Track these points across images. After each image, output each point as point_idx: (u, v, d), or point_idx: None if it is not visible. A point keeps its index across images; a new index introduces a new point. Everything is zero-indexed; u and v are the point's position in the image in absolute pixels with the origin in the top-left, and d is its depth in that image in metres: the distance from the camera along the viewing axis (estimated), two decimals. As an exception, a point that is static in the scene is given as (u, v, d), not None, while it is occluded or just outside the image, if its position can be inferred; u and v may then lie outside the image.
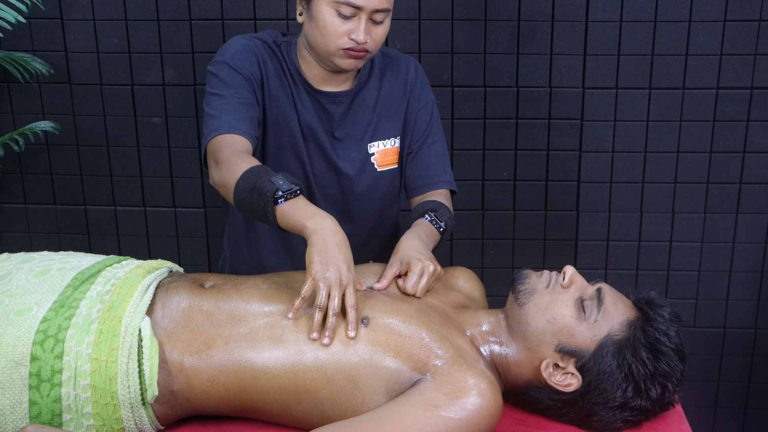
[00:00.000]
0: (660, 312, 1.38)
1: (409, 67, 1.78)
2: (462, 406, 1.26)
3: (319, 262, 1.33)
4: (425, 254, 1.52)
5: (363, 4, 1.52)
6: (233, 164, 1.47)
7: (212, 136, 1.55)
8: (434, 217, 1.66)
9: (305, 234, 1.36)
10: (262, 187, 1.39)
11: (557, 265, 1.52)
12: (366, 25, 1.54)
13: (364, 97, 1.72)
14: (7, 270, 1.45)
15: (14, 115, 2.49)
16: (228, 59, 1.62)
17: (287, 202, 1.39)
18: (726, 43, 2.30)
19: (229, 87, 1.59)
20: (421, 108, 1.77)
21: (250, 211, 1.43)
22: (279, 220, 1.39)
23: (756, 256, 2.48)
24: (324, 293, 1.32)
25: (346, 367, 1.31)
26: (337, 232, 1.36)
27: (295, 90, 1.67)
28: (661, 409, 1.39)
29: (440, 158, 1.79)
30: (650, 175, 2.42)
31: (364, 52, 1.57)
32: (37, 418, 1.29)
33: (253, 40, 1.66)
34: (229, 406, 1.37)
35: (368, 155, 1.75)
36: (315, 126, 1.69)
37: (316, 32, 1.58)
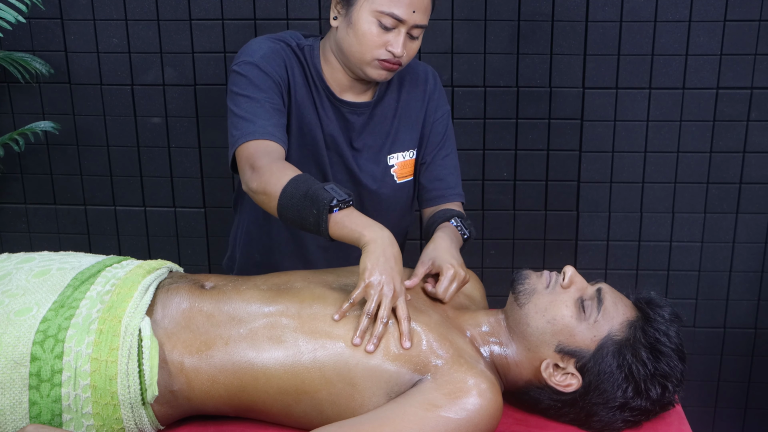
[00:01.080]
0: (660, 312, 1.38)
1: (428, 76, 1.77)
2: (462, 406, 1.26)
3: (375, 271, 1.33)
4: (458, 258, 1.52)
5: (407, 18, 1.51)
6: (275, 171, 1.45)
7: (246, 140, 1.52)
8: (460, 223, 1.66)
9: (361, 242, 1.37)
10: (317, 195, 1.38)
11: (557, 265, 1.52)
12: (404, 39, 1.54)
13: (383, 107, 1.71)
14: (7, 270, 1.45)
15: (14, 115, 2.49)
16: (257, 61, 1.59)
17: (342, 211, 1.39)
18: (726, 43, 2.30)
19: (260, 90, 1.57)
20: (437, 119, 1.77)
21: (298, 218, 1.41)
22: (332, 228, 1.39)
23: (756, 256, 2.48)
24: (375, 301, 1.33)
25: (344, 368, 1.31)
26: (394, 243, 1.38)
27: (318, 98, 1.66)
28: (661, 409, 1.39)
29: (453, 170, 1.79)
30: (650, 175, 2.42)
31: (397, 65, 1.57)
32: (37, 418, 1.29)
33: (279, 43, 1.64)
34: (229, 406, 1.37)
35: (388, 167, 1.74)
36: (337, 136, 1.68)
37: (353, 39, 1.56)
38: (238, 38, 2.35)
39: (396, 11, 1.51)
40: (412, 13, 1.52)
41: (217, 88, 2.41)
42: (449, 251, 1.53)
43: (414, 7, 1.52)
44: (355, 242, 1.38)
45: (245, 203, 1.78)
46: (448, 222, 1.66)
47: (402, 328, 1.33)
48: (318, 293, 1.41)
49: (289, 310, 1.37)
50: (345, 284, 1.46)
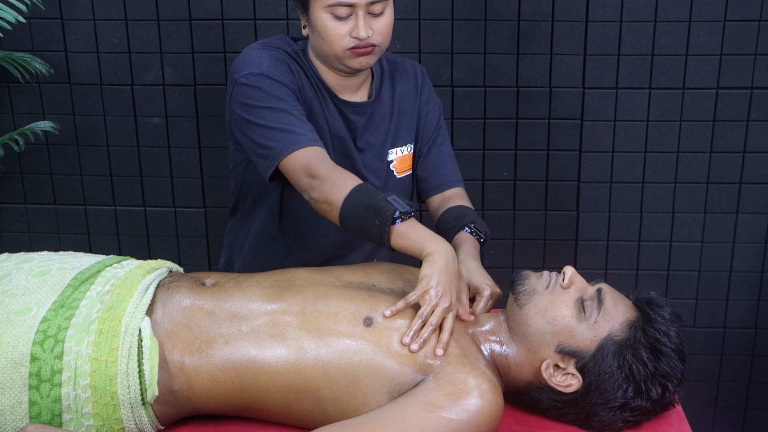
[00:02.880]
0: (660, 312, 1.38)
1: (416, 71, 1.78)
2: (463, 407, 1.26)
3: (439, 279, 1.36)
4: (489, 278, 1.54)
5: (355, 1, 1.52)
6: (336, 180, 1.47)
7: (294, 149, 1.51)
8: (474, 228, 1.67)
9: (424, 253, 1.39)
10: (380, 207, 1.40)
11: (557, 265, 1.52)
12: (365, 20, 1.54)
13: (381, 105, 1.72)
14: (7, 270, 1.45)
15: (14, 115, 2.49)
16: (266, 71, 1.57)
17: (404, 223, 1.41)
18: (726, 43, 2.30)
19: (281, 100, 1.56)
20: (429, 111, 1.78)
21: (360, 228, 1.43)
22: (394, 240, 1.41)
23: (756, 256, 2.48)
24: (430, 308, 1.34)
25: (348, 366, 1.31)
26: (455, 259, 1.41)
27: (323, 100, 1.66)
28: (661, 409, 1.39)
29: (450, 158, 1.81)
30: (650, 175, 2.42)
31: (371, 47, 1.56)
32: (37, 418, 1.29)
33: (277, 51, 1.63)
34: (230, 406, 1.37)
35: (388, 163, 1.75)
36: (344, 136, 1.68)
37: (320, 40, 1.58)
38: (238, 38, 2.35)
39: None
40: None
41: (217, 88, 2.41)
42: (479, 272, 1.54)
43: None
44: (417, 253, 1.40)
45: (256, 209, 1.77)
46: (462, 231, 1.67)
47: (443, 337, 1.34)
48: (321, 291, 1.41)
49: (292, 307, 1.37)
50: (348, 282, 1.46)
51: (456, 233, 1.66)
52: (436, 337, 1.34)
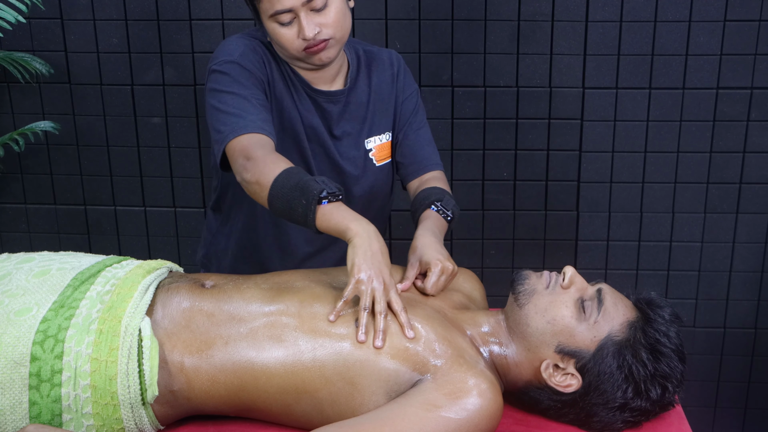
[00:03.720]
0: (660, 313, 1.38)
1: (393, 60, 1.80)
2: (462, 406, 1.26)
3: (364, 266, 1.34)
4: (443, 253, 1.53)
5: (291, 5, 1.53)
6: (270, 162, 1.47)
7: (239, 134, 1.53)
8: (441, 207, 1.67)
9: (347, 236, 1.38)
10: (308, 186, 1.40)
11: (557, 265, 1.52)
12: (309, 20, 1.54)
13: (357, 94, 1.73)
14: (7, 270, 1.45)
15: (14, 115, 2.49)
16: (237, 59, 1.61)
17: (331, 204, 1.40)
18: (726, 43, 2.30)
19: (245, 87, 1.59)
20: (406, 98, 1.79)
21: (287, 209, 1.43)
22: (319, 220, 1.40)
23: (756, 256, 2.48)
24: (369, 296, 1.33)
25: (343, 368, 1.31)
26: (380, 237, 1.39)
27: (295, 91, 1.68)
28: (661, 409, 1.39)
29: (428, 143, 1.81)
30: (650, 175, 2.42)
31: (323, 43, 1.58)
32: (37, 418, 1.29)
33: (254, 41, 1.66)
34: (230, 406, 1.37)
35: (366, 151, 1.76)
36: (317, 126, 1.70)
37: (277, 47, 1.62)
38: (238, 38, 2.35)
39: (278, 7, 1.53)
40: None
41: (217, 88, 2.41)
42: (433, 246, 1.54)
43: None
44: (341, 235, 1.39)
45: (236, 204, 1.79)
46: (429, 209, 1.67)
47: (401, 319, 1.34)
48: (318, 292, 1.41)
49: (290, 309, 1.38)
50: (346, 283, 1.46)
51: (423, 212, 1.67)
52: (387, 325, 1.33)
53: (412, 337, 1.32)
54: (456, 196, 2.44)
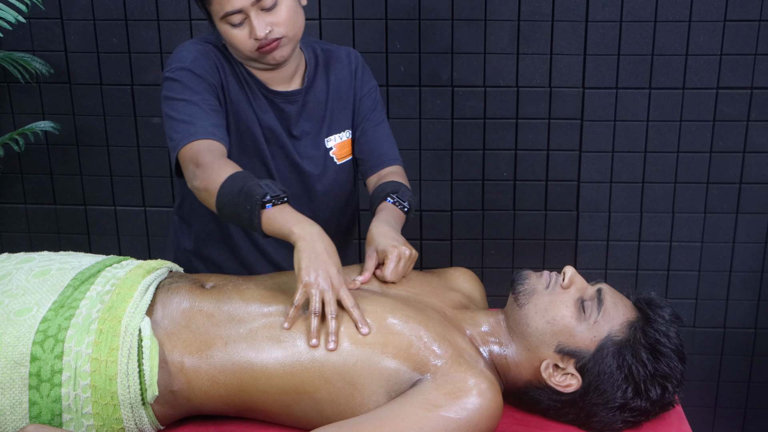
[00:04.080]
0: (660, 313, 1.38)
1: (351, 57, 1.80)
2: (462, 406, 1.26)
3: (309, 268, 1.34)
4: (398, 239, 1.53)
5: (240, 5, 1.53)
6: (217, 168, 1.48)
7: (189, 141, 1.54)
8: (397, 198, 1.67)
9: (291, 239, 1.38)
10: (251, 191, 1.41)
11: (557, 265, 1.52)
12: (259, 19, 1.54)
13: (315, 93, 1.74)
14: (7, 270, 1.46)
15: (14, 115, 2.49)
16: (189, 65, 1.61)
17: (275, 207, 1.41)
18: (726, 43, 2.30)
19: (195, 93, 1.59)
20: (364, 94, 1.79)
21: (234, 214, 1.44)
22: (264, 224, 1.41)
23: (756, 256, 2.48)
24: (318, 299, 1.33)
25: (343, 368, 1.31)
26: (324, 237, 1.39)
27: (252, 93, 1.68)
28: (661, 409, 1.40)
29: (386, 138, 1.81)
30: (650, 175, 2.42)
31: (276, 41, 1.58)
32: (37, 418, 1.30)
33: (207, 45, 1.66)
34: (229, 406, 1.37)
35: (327, 150, 1.77)
36: (275, 127, 1.70)
37: (231, 48, 1.62)
38: (238, 38, 2.35)
39: (228, 8, 1.53)
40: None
41: (217, 88, 2.41)
42: (387, 235, 1.54)
43: None
44: (286, 238, 1.40)
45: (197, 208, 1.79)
46: (384, 202, 1.67)
47: (354, 316, 1.34)
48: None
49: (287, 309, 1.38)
50: None
51: (378, 204, 1.67)
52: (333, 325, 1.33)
53: (366, 333, 1.32)
54: (456, 196, 2.45)
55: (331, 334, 1.32)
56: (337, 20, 2.32)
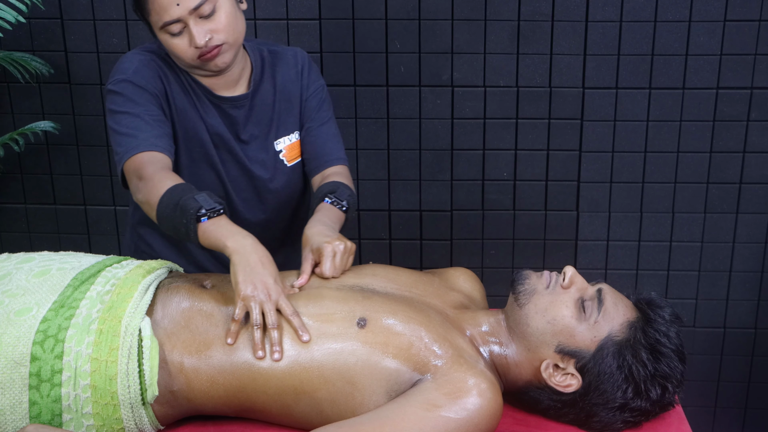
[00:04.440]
0: (660, 313, 1.38)
1: (297, 57, 1.79)
2: (462, 406, 1.26)
3: (245, 281, 1.35)
4: (332, 235, 1.53)
5: (179, 15, 1.53)
6: (157, 181, 1.48)
7: (132, 154, 1.55)
8: (334, 198, 1.67)
9: (226, 253, 1.39)
10: (186, 205, 1.41)
11: (557, 265, 1.52)
12: (198, 27, 1.54)
13: (262, 96, 1.74)
14: (7, 270, 1.46)
15: (14, 115, 2.49)
16: (130, 77, 1.61)
17: (210, 221, 1.41)
18: (726, 43, 2.30)
19: (137, 104, 1.59)
20: (311, 94, 1.79)
21: (172, 228, 1.45)
22: (200, 238, 1.41)
23: (756, 256, 2.48)
24: (257, 311, 1.33)
25: (343, 367, 1.31)
26: (258, 248, 1.39)
27: (198, 100, 1.68)
28: (661, 409, 1.40)
29: (333, 137, 1.81)
30: (650, 175, 2.42)
31: (217, 48, 1.58)
32: (37, 418, 1.30)
33: (149, 55, 1.66)
34: (229, 407, 1.37)
35: (276, 153, 1.77)
36: (223, 133, 1.70)
37: (173, 56, 1.62)
38: (238, 38, 2.35)
39: (166, 18, 1.53)
40: (177, 6, 1.52)
41: (217, 88, 2.40)
42: (321, 233, 1.54)
43: (175, 0, 1.52)
44: (221, 251, 1.41)
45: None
46: (322, 202, 1.67)
47: (294, 324, 1.34)
48: (315, 293, 1.42)
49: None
50: (342, 283, 1.46)
51: (316, 206, 1.67)
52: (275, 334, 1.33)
53: (307, 340, 1.33)
54: (456, 196, 2.45)
55: (274, 344, 1.32)
56: (336, 20, 2.32)
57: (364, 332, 1.33)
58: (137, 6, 1.59)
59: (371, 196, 2.45)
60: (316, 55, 2.33)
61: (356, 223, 2.46)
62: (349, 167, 1.83)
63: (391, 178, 2.44)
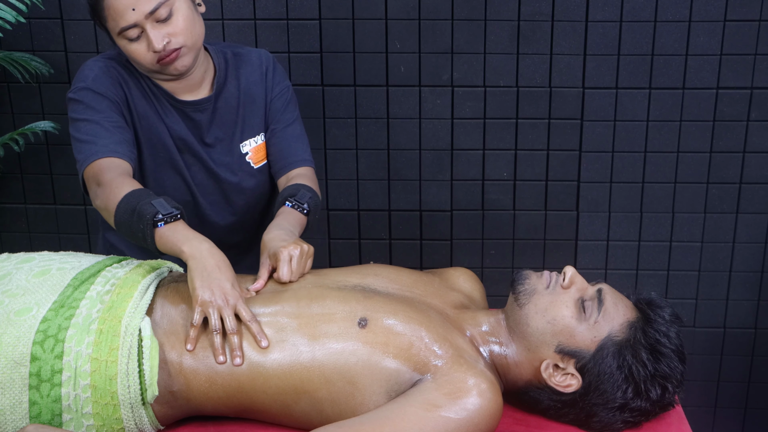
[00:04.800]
0: (660, 313, 1.38)
1: (261, 59, 1.79)
2: (462, 406, 1.26)
3: (202, 287, 1.35)
4: (288, 239, 1.53)
5: (135, 20, 1.53)
6: (115, 186, 1.48)
7: (91, 161, 1.55)
8: (295, 201, 1.66)
9: (183, 258, 1.39)
10: (142, 210, 1.41)
11: (557, 265, 1.52)
12: (155, 32, 1.55)
13: (226, 98, 1.73)
14: (7, 270, 1.46)
15: (14, 115, 2.48)
16: (90, 84, 1.62)
17: (166, 226, 1.41)
18: (726, 43, 2.30)
19: (97, 111, 1.59)
20: (275, 96, 1.79)
21: (130, 233, 1.45)
22: (157, 243, 1.42)
23: (756, 256, 2.48)
24: (216, 316, 1.33)
25: (344, 367, 1.31)
26: (215, 253, 1.39)
27: (160, 105, 1.68)
28: (661, 410, 1.40)
29: (297, 139, 1.81)
30: (650, 175, 2.42)
31: (175, 51, 1.58)
32: (37, 418, 1.30)
33: (109, 62, 1.67)
34: (228, 407, 1.37)
35: (242, 155, 1.77)
36: (186, 137, 1.70)
37: (133, 62, 1.61)
38: (239, 38, 2.35)
39: (122, 23, 1.54)
40: (132, 11, 1.52)
41: (217, 88, 2.40)
42: (277, 238, 1.54)
43: (130, 5, 1.52)
44: (178, 255, 1.41)
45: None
46: (283, 206, 1.67)
47: (252, 330, 1.34)
48: (316, 293, 1.41)
49: (287, 310, 1.38)
50: (344, 283, 1.46)
51: (277, 210, 1.67)
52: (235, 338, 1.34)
53: (265, 346, 1.33)
54: (456, 196, 2.45)
55: (235, 349, 1.33)
56: (336, 20, 2.32)
57: (365, 332, 1.33)
58: (94, 13, 1.60)
59: (371, 196, 2.45)
60: (315, 55, 2.33)
61: (356, 223, 2.46)
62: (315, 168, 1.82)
63: (391, 178, 2.44)
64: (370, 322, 1.34)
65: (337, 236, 2.46)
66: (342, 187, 2.43)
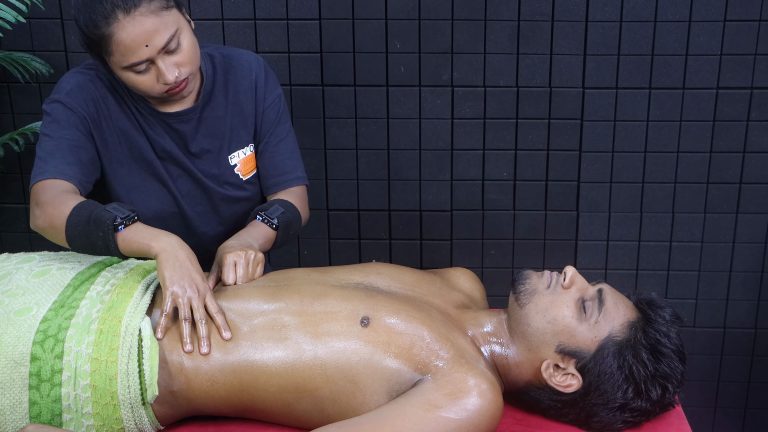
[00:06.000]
0: (661, 313, 1.38)
1: (252, 65, 1.74)
2: (462, 406, 1.26)
3: (174, 277, 1.36)
4: (236, 245, 1.53)
5: (148, 55, 1.50)
6: (59, 203, 1.46)
7: (36, 181, 1.53)
8: (265, 216, 1.65)
9: (152, 253, 1.39)
10: (100, 217, 1.40)
11: (557, 265, 1.52)
12: (166, 64, 1.52)
13: (212, 107, 1.70)
14: (7, 270, 1.46)
15: (14, 115, 2.48)
16: (62, 98, 1.60)
17: (127, 228, 1.41)
18: (726, 43, 2.30)
19: (61, 128, 1.57)
20: (267, 106, 1.75)
21: (87, 244, 1.43)
22: (121, 246, 1.41)
23: (756, 256, 2.48)
24: (186, 306, 1.34)
25: (346, 366, 1.31)
26: (184, 246, 1.40)
27: (141, 117, 1.65)
28: (661, 410, 1.40)
29: (290, 154, 1.78)
30: (650, 175, 2.42)
31: (184, 82, 1.56)
32: (37, 418, 1.30)
33: (89, 75, 1.63)
34: (230, 406, 1.37)
35: (231, 167, 1.74)
36: (171, 149, 1.67)
37: (134, 90, 1.58)
38: (238, 38, 2.35)
39: (133, 59, 1.50)
40: (146, 47, 1.49)
41: (217, 88, 2.40)
42: (227, 246, 1.54)
43: (143, 42, 1.49)
44: (146, 254, 1.41)
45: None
46: (254, 219, 1.66)
47: (217, 322, 1.35)
48: (318, 291, 1.41)
49: (290, 307, 1.38)
50: (347, 282, 1.46)
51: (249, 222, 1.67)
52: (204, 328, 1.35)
53: (228, 338, 1.34)
54: (456, 196, 2.45)
55: (202, 338, 1.34)
56: (336, 20, 2.32)
57: (367, 331, 1.33)
58: (95, 46, 1.53)
59: (371, 196, 2.45)
60: (315, 55, 2.33)
61: (356, 223, 2.46)
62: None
63: (391, 178, 2.44)
64: (373, 321, 1.34)
65: (337, 236, 2.46)
66: (342, 187, 2.43)
